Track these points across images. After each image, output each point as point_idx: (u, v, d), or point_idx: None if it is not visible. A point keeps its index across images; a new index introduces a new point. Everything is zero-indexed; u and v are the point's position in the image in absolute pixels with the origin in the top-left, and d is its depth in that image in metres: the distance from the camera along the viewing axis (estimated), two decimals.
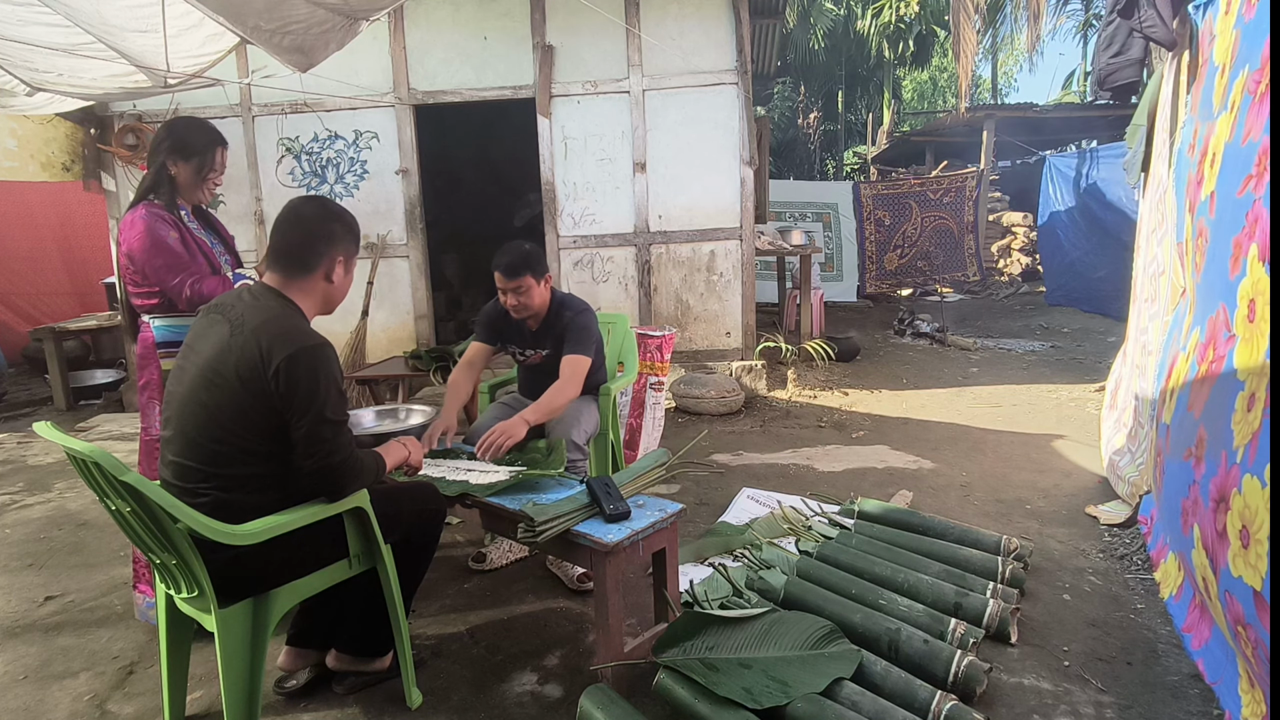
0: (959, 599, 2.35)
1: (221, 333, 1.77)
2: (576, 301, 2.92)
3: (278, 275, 1.86)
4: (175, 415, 1.80)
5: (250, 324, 1.75)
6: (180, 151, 2.39)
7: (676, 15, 5.41)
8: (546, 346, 2.90)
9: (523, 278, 2.71)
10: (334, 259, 1.90)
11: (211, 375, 1.74)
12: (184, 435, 1.77)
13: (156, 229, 2.30)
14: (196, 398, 1.75)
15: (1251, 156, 1.96)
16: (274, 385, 1.71)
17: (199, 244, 2.42)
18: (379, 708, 2.08)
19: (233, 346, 1.73)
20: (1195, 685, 2.06)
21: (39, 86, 3.01)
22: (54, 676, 2.31)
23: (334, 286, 1.92)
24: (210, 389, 1.74)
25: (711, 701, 1.84)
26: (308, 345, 1.74)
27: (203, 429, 1.75)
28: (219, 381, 1.73)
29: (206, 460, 1.75)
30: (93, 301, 7.90)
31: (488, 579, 2.83)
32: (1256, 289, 1.85)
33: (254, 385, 1.71)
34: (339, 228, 1.91)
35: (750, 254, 5.61)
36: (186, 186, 2.43)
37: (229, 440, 1.74)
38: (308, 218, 1.90)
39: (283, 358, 1.69)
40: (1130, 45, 3.35)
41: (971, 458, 4.11)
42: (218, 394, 1.73)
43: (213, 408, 1.74)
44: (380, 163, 5.70)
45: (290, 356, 1.70)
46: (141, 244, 2.28)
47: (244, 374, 1.71)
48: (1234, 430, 1.90)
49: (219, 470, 1.75)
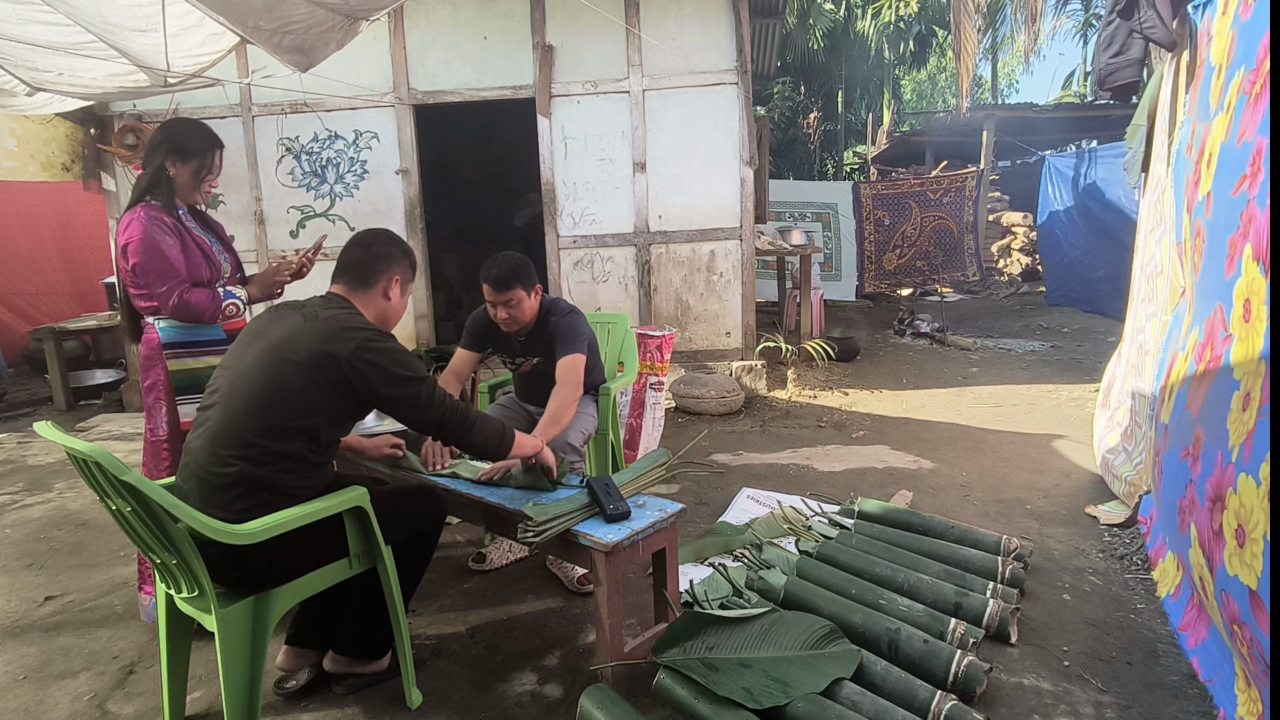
0: (959, 599, 2.35)
1: (295, 319, 1.93)
2: (562, 305, 2.84)
3: (343, 286, 2.07)
4: (227, 385, 1.90)
5: (322, 317, 1.92)
6: (179, 153, 2.39)
7: (676, 15, 5.41)
8: (536, 354, 2.86)
9: (513, 290, 2.63)
10: (391, 278, 2.10)
11: (282, 352, 1.87)
12: (234, 403, 1.86)
13: (153, 232, 2.29)
14: (261, 370, 1.87)
15: (1246, 156, 1.96)
16: (352, 373, 1.86)
17: (199, 244, 2.42)
18: (379, 708, 2.08)
19: (305, 330, 1.89)
20: (1195, 685, 2.07)
21: (39, 86, 3.01)
22: (54, 676, 2.31)
23: (390, 305, 2.11)
24: (278, 364, 1.86)
25: (711, 701, 1.84)
26: (372, 334, 1.93)
27: (259, 399, 1.84)
28: (290, 358, 1.86)
29: (252, 429, 1.83)
30: (93, 301, 7.90)
31: (488, 579, 2.83)
32: (1252, 289, 1.85)
33: (330, 372, 1.86)
34: (397, 252, 2.13)
35: (750, 254, 5.62)
36: (184, 188, 2.43)
37: (283, 413, 1.84)
38: (371, 241, 2.13)
39: (353, 348, 1.86)
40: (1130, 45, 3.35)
41: (971, 458, 4.12)
42: (286, 370, 1.85)
43: (275, 381, 1.85)
44: (380, 163, 5.70)
45: (361, 343, 1.87)
46: (136, 246, 2.27)
47: (317, 357, 1.85)
48: (1230, 430, 1.90)
49: (261, 441, 1.83)
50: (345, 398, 1.91)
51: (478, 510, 2.34)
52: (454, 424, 2.02)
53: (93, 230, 7.96)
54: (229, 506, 1.79)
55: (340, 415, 1.96)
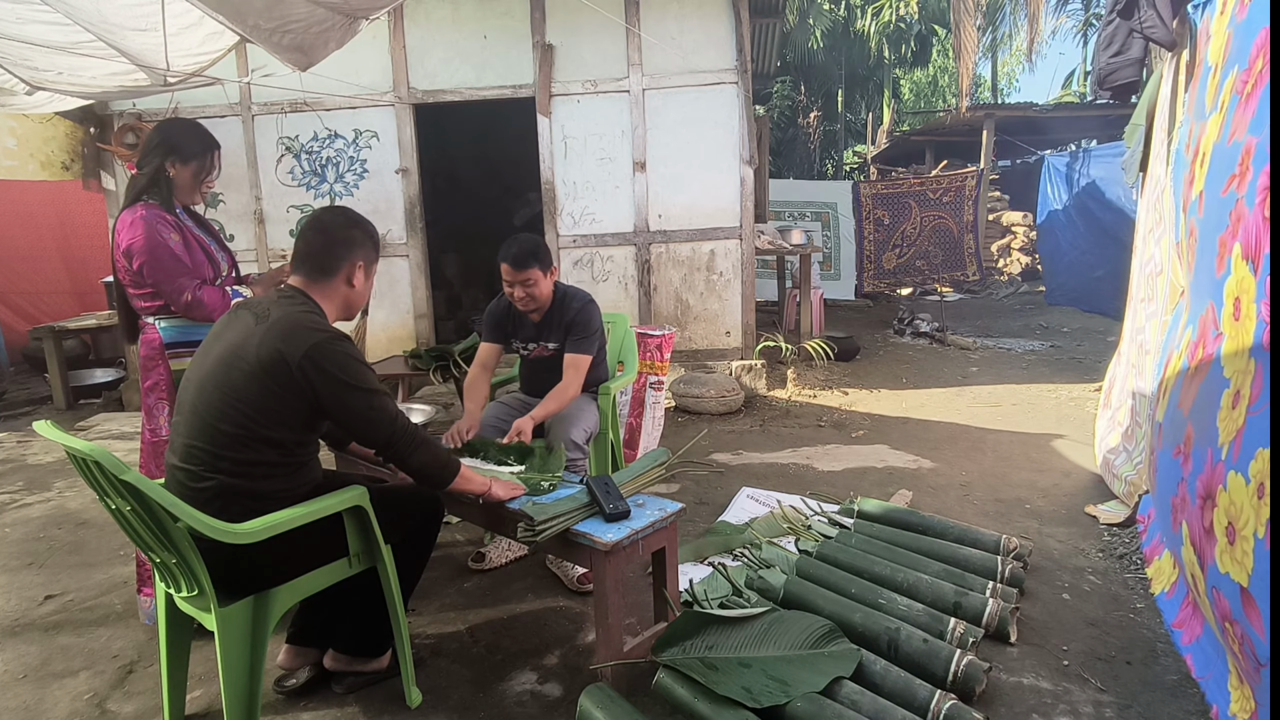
0: (958, 598, 2.35)
1: (247, 322, 1.85)
2: (580, 293, 2.92)
3: (301, 278, 1.95)
4: (191, 398, 1.85)
5: (273, 316, 1.83)
6: (179, 154, 2.38)
7: (676, 14, 5.41)
8: (552, 339, 2.91)
9: (531, 269, 2.72)
10: (354, 264, 1.98)
11: (233, 360, 1.80)
12: (197, 417, 1.81)
13: (158, 230, 2.29)
14: (215, 381, 1.80)
15: (1236, 155, 1.96)
16: (302, 378, 1.77)
17: (199, 243, 2.42)
18: (379, 707, 2.08)
19: (256, 333, 1.80)
20: (1194, 684, 2.06)
21: (39, 85, 3.01)
22: (53, 675, 2.31)
23: (354, 291, 2.01)
24: (230, 372, 1.79)
25: (711, 701, 1.84)
26: (326, 337, 1.82)
27: (217, 411, 1.78)
28: (241, 366, 1.78)
29: (217, 443, 1.78)
30: (92, 300, 7.90)
31: (487, 578, 2.83)
32: (1241, 287, 1.86)
33: (280, 377, 1.77)
34: (359, 234, 2.00)
35: (750, 253, 5.61)
36: (183, 188, 2.43)
37: (243, 423, 1.78)
38: (329, 225, 1.98)
39: (304, 350, 1.77)
40: (1130, 45, 3.34)
41: (971, 457, 4.12)
42: (237, 378, 1.78)
43: (230, 391, 1.78)
44: (380, 162, 5.70)
45: (313, 346, 1.78)
46: (141, 245, 2.27)
47: (266, 363, 1.77)
48: (1219, 427, 1.91)
49: (228, 454, 1.78)
50: (301, 402, 1.81)
51: (477, 510, 2.34)
52: (401, 443, 1.91)
53: (92, 229, 7.96)
54: (217, 516, 1.75)
55: (300, 420, 1.85)
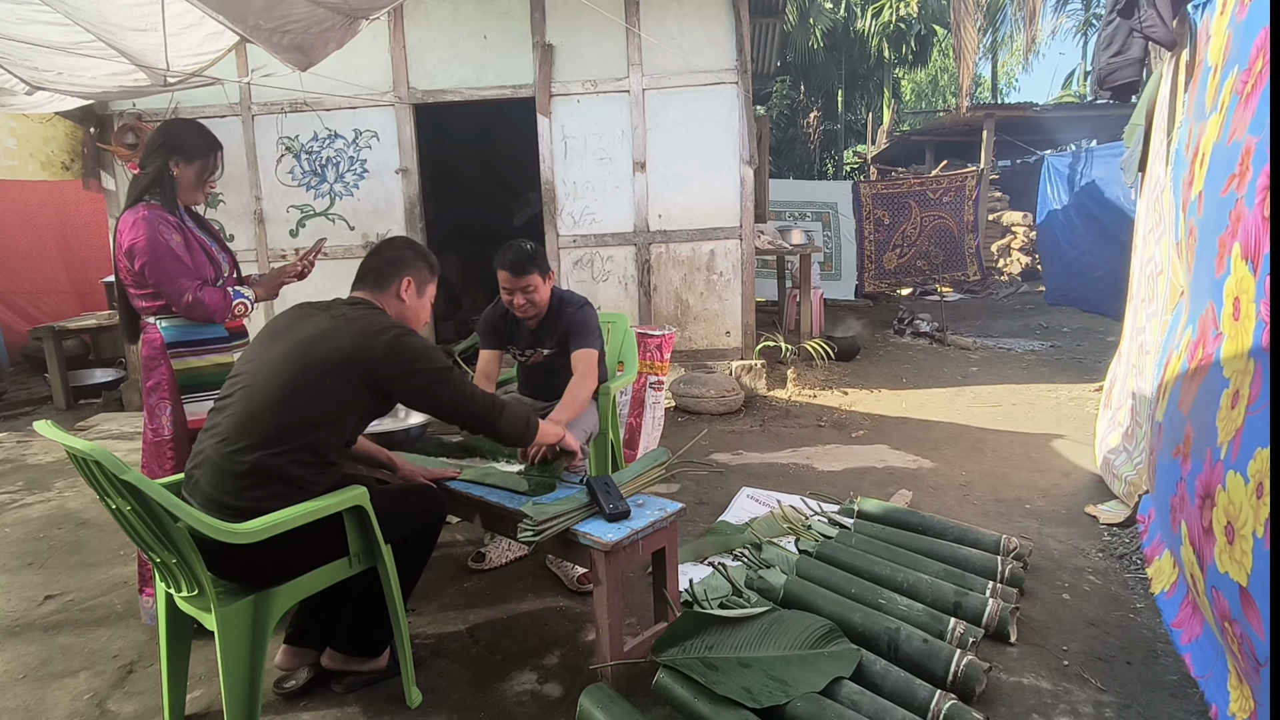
0: (958, 598, 2.35)
1: (322, 319, 1.97)
2: (575, 297, 2.91)
3: (363, 290, 2.14)
4: (250, 377, 1.92)
5: (350, 317, 1.97)
6: (183, 153, 2.39)
7: (676, 14, 5.41)
8: (548, 345, 2.90)
9: (530, 275, 2.70)
10: (404, 280, 2.14)
11: (312, 349, 1.90)
12: (258, 394, 1.88)
13: (160, 230, 2.29)
14: (290, 364, 1.90)
15: (1236, 156, 1.96)
16: (388, 372, 1.92)
17: (200, 244, 2.42)
18: (379, 707, 2.08)
19: (335, 328, 1.93)
20: (1194, 684, 2.06)
21: (38, 85, 3.01)
22: (53, 675, 2.31)
23: (406, 306, 2.15)
24: (308, 360, 1.89)
25: (711, 701, 1.84)
26: (402, 331, 1.98)
27: (285, 392, 1.87)
28: (321, 353, 1.89)
29: (277, 422, 1.85)
30: (92, 300, 7.90)
31: (487, 578, 2.83)
32: (1240, 287, 1.86)
33: (361, 365, 1.90)
34: (410, 254, 2.20)
35: (750, 253, 5.61)
36: (186, 188, 2.43)
37: (308, 409, 1.87)
38: (383, 249, 2.21)
39: (385, 342, 1.92)
40: (1130, 45, 3.34)
41: (971, 457, 4.12)
42: (313, 366, 1.88)
43: (305, 376, 1.88)
44: (380, 162, 5.69)
45: (391, 340, 1.93)
46: (143, 245, 2.27)
47: (349, 353, 1.89)
48: (1218, 427, 1.91)
49: (283, 432, 1.85)
50: (374, 395, 1.96)
51: (477, 510, 2.34)
52: (488, 412, 2.10)
53: (92, 229, 7.96)
54: (241, 494, 1.80)
55: (367, 412, 2.01)
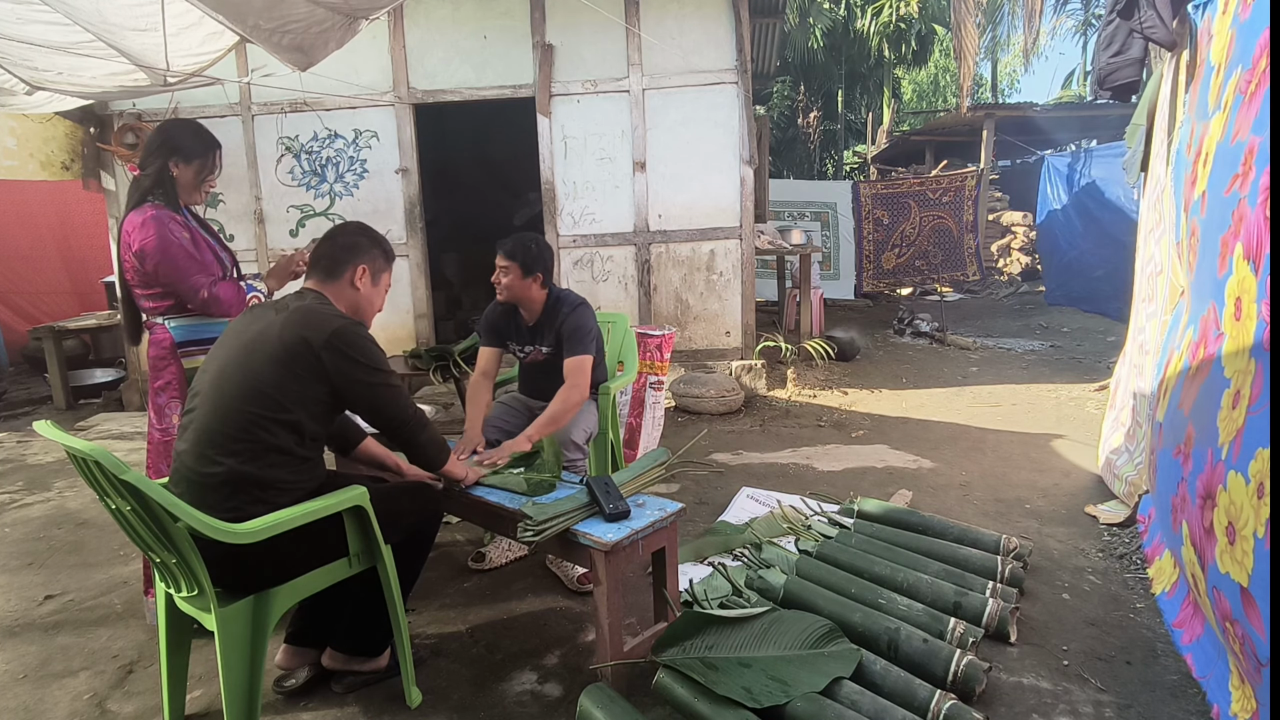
0: (958, 598, 2.35)
1: (268, 315, 1.96)
2: (572, 297, 2.91)
3: (314, 280, 2.10)
4: (210, 384, 1.91)
5: (293, 307, 1.95)
6: (182, 154, 2.39)
7: (676, 14, 5.41)
8: (545, 344, 2.90)
9: (512, 263, 2.77)
10: (357, 268, 2.09)
11: (256, 345, 1.89)
12: (217, 400, 1.87)
13: (170, 229, 2.30)
14: (238, 364, 1.89)
15: (1239, 155, 1.96)
16: (326, 359, 1.88)
17: (207, 242, 2.43)
18: (379, 707, 2.08)
19: (277, 322, 1.91)
20: (1194, 685, 2.07)
21: (38, 85, 3.01)
22: (53, 675, 2.31)
23: (360, 294, 2.11)
24: (253, 356, 1.88)
25: (711, 701, 1.84)
26: (347, 323, 1.96)
27: (238, 394, 1.86)
28: (265, 349, 1.88)
29: (235, 424, 1.84)
30: (92, 300, 7.90)
31: (487, 578, 2.83)
32: (1242, 287, 1.86)
33: (303, 359, 1.88)
34: (364, 241, 2.14)
35: (750, 253, 5.61)
36: (186, 188, 2.43)
37: (264, 404, 1.85)
38: (336, 234, 2.16)
39: (327, 334, 1.89)
40: (1130, 45, 3.34)
41: (971, 457, 4.12)
42: (260, 360, 1.87)
43: (253, 373, 1.87)
44: (380, 162, 5.69)
45: (335, 330, 1.90)
46: (155, 245, 2.27)
47: (290, 345, 1.87)
48: (1220, 427, 1.91)
49: (245, 436, 1.83)
50: (323, 387, 1.92)
51: (478, 510, 2.34)
52: (415, 425, 2.08)
53: (92, 229, 7.96)
54: (221, 506, 1.79)
55: (321, 406, 1.95)
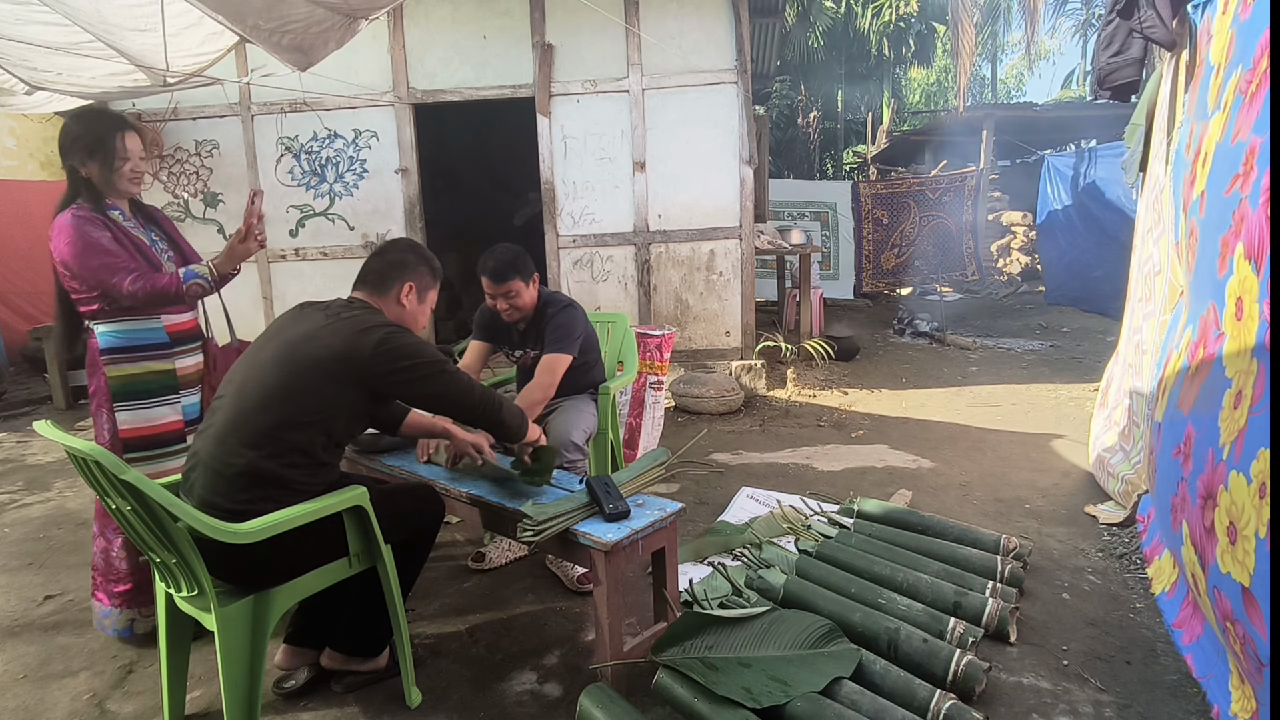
0: (958, 598, 2.35)
1: (316, 319, 1.95)
2: (560, 298, 2.90)
3: (363, 292, 2.12)
4: (242, 377, 1.92)
5: (343, 316, 1.95)
6: (82, 151, 2.25)
7: (676, 14, 5.41)
8: (536, 346, 2.89)
9: (511, 282, 2.70)
10: (405, 284, 2.12)
11: (300, 348, 1.89)
12: (249, 395, 1.87)
13: (86, 230, 2.19)
14: (280, 361, 1.89)
15: (1240, 155, 1.96)
16: (378, 371, 1.90)
17: (133, 241, 2.30)
18: (379, 707, 2.08)
19: (329, 326, 1.92)
20: (1194, 684, 2.07)
21: (38, 85, 3.01)
22: (53, 675, 2.31)
23: (405, 311, 2.13)
24: (296, 359, 1.88)
25: (711, 701, 1.84)
26: (394, 329, 1.97)
27: (273, 394, 1.86)
28: (310, 351, 1.88)
29: (266, 422, 1.84)
30: None
31: (487, 578, 2.83)
32: (1243, 287, 1.86)
33: (351, 364, 1.88)
34: (412, 258, 2.17)
35: (750, 253, 5.61)
36: (104, 185, 2.27)
37: (297, 409, 1.86)
38: (386, 250, 2.19)
39: (376, 338, 1.90)
40: (1130, 45, 3.34)
41: (971, 457, 4.12)
42: (304, 361, 1.87)
43: (296, 373, 1.87)
44: (380, 162, 5.69)
45: (384, 337, 1.91)
46: (73, 248, 2.17)
47: (339, 351, 1.88)
48: (1221, 427, 1.91)
49: (273, 433, 1.84)
50: (362, 394, 1.94)
51: (478, 510, 2.34)
52: (487, 404, 2.10)
53: None
54: (233, 497, 1.80)
55: (356, 412, 1.98)
